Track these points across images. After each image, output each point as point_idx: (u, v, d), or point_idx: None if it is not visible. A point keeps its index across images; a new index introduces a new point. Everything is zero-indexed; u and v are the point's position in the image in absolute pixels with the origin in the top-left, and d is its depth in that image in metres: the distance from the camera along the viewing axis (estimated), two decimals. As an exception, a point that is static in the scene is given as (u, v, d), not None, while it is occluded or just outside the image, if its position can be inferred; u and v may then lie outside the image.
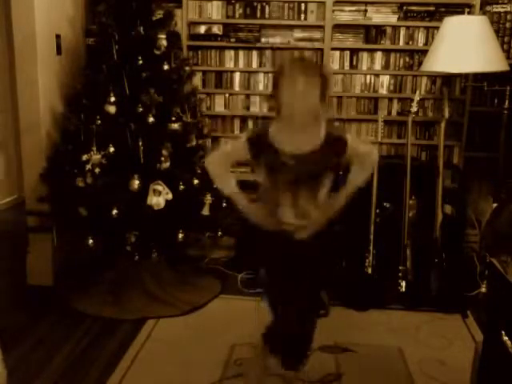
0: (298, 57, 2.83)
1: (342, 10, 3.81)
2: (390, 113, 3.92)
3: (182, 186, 3.09)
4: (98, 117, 3.03)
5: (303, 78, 1.95)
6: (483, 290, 3.39)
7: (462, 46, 3.13)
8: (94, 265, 3.31)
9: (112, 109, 3.02)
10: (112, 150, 3.00)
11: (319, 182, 2.12)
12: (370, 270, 3.23)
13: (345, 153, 2.09)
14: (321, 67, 2.27)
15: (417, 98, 3.31)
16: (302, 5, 3.83)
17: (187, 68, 3.40)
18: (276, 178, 2.12)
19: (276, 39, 3.88)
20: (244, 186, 2.26)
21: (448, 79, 3.81)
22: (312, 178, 2.10)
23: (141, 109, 3.00)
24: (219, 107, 4.00)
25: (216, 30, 3.89)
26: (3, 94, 5.02)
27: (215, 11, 3.88)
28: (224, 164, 2.22)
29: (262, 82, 3.94)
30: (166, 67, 3.14)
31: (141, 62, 3.06)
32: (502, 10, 3.69)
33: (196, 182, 3.19)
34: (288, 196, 2.10)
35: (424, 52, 3.53)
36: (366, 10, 3.81)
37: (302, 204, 2.10)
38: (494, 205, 3.26)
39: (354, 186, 2.21)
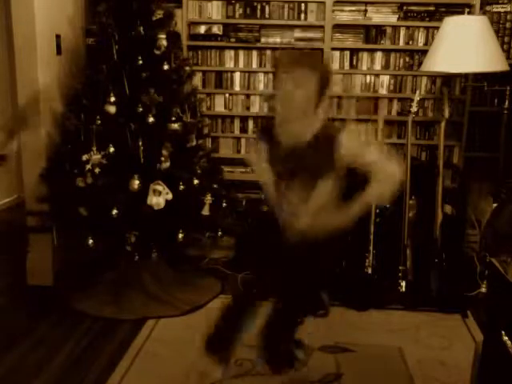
0: (293, 52, 2.82)
1: (342, 10, 3.81)
2: (389, 113, 3.91)
3: (181, 186, 3.09)
4: (97, 117, 3.03)
5: (292, 74, 1.97)
6: (483, 289, 3.39)
7: (462, 46, 3.13)
8: (94, 265, 3.31)
9: (112, 109, 3.02)
10: (112, 149, 3.00)
11: (315, 179, 2.10)
12: (370, 270, 3.23)
13: (335, 150, 2.02)
14: (319, 63, 2.22)
15: (417, 97, 3.31)
16: (302, 5, 3.82)
17: (187, 68, 3.40)
18: (274, 168, 2.20)
19: (276, 39, 3.88)
20: (244, 185, 2.28)
21: (448, 79, 3.81)
22: (307, 173, 2.10)
23: (141, 109, 3.00)
24: (219, 107, 3.99)
25: (216, 30, 3.88)
26: (3, 94, 5.02)
27: (215, 11, 3.88)
28: (258, 160, 2.36)
29: (262, 82, 3.93)
30: (166, 67, 3.14)
31: (141, 62, 3.06)
32: (502, 10, 3.69)
33: (196, 181, 3.19)
34: (282, 188, 2.16)
35: (424, 52, 3.53)
36: (365, 10, 3.80)
37: (291, 197, 2.13)
38: (494, 205, 3.26)
39: (362, 201, 2.03)
